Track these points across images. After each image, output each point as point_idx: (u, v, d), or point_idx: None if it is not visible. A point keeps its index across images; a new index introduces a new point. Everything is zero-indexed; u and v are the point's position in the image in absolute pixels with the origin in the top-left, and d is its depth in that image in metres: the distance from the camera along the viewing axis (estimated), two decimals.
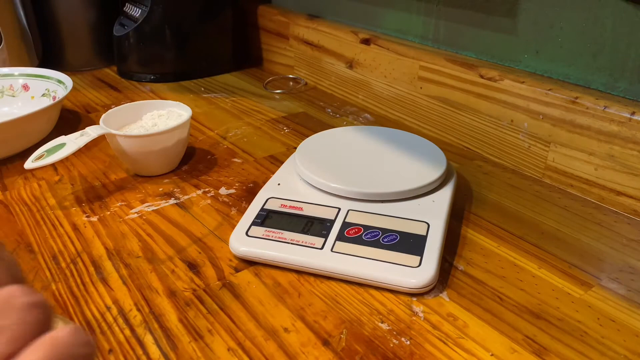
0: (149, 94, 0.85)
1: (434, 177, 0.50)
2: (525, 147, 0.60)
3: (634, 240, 0.49)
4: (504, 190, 0.57)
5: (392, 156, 0.55)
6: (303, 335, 0.38)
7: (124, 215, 0.52)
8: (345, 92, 0.83)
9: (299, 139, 0.67)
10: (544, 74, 0.60)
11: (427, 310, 0.40)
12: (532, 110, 0.58)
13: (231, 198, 0.55)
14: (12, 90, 0.75)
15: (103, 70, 0.97)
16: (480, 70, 0.62)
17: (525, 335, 0.38)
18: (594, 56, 0.54)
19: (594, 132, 0.53)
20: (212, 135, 0.70)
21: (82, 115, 0.77)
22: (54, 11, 0.92)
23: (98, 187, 0.58)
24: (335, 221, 0.47)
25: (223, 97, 0.84)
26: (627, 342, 0.38)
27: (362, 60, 0.78)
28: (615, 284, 0.43)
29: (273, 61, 0.97)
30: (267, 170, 0.61)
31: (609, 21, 0.52)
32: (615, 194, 0.53)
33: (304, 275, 0.44)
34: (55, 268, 0.45)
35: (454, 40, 0.68)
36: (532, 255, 0.46)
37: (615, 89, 0.54)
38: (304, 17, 0.88)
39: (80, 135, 0.54)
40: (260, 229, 0.46)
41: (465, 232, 0.50)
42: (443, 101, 0.68)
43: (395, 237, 0.44)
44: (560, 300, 0.41)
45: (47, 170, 0.61)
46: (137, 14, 0.88)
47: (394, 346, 0.37)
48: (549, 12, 0.57)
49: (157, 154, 0.57)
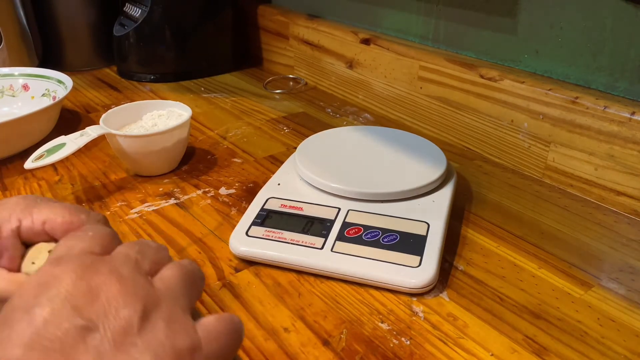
0: (149, 94, 0.85)
1: (434, 177, 0.50)
2: (525, 147, 0.60)
3: (634, 240, 0.49)
4: (504, 190, 0.57)
5: (392, 156, 0.55)
6: (303, 335, 0.38)
7: (124, 215, 0.52)
8: (345, 92, 0.83)
9: (299, 139, 0.67)
10: (544, 74, 0.60)
11: (427, 310, 0.40)
12: (532, 110, 0.58)
13: (231, 198, 0.55)
14: (12, 90, 0.75)
15: (103, 70, 0.97)
16: (480, 70, 0.62)
17: (525, 335, 0.38)
18: (594, 56, 0.54)
19: (594, 132, 0.53)
20: (212, 135, 0.70)
21: (82, 115, 0.77)
22: (54, 11, 0.92)
23: (98, 187, 0.58)
24: (335, 221, 0.47)
25: (223, 97, 0.84)
26: (627, 342, 0.38)
27: (362, 60, 0.78)
28: (615, 284, 0.43)
29: (273, 61, 0.97)
30: (267, 170, 0.61)
31: (609, 21, 0.52)
32: (615, 194, 0.53)
33: (304, 275, 0.44)
34: None
35: (454, 40, 0.68)
36: (532, 255, 0.46)
37: (615, 89, 0.54)
38: (304, 17, 0.88)
39: (80, 135, 0.54)
40: (260, 229, 0.46)
41: (465, 232, 0.50)
42: (443, 101, 0.68)
43: (395, 237, 0.44)
44: (560, 300, 0.41)
45: (47, 170, 0.61)
46: (137, 14, 0.88)
47: (394, 346, 0.37)
48: (549, 12, 0.57)
49: (157, 154, 0.57)
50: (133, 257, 0.25)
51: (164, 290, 0.25)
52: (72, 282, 0.22)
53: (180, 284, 0.25)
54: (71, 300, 0.22)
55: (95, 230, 0.27)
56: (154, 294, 0.24)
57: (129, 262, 0.25)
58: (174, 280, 0.25)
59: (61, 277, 0.23)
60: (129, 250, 0.26)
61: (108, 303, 0.22)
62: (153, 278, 0.25)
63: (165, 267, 0.26)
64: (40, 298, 0.22)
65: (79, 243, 0.26)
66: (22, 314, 0.22)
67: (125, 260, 0.25)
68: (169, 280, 0.25)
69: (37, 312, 0.21)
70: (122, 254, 0.25)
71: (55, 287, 0.22)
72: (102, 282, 0.23)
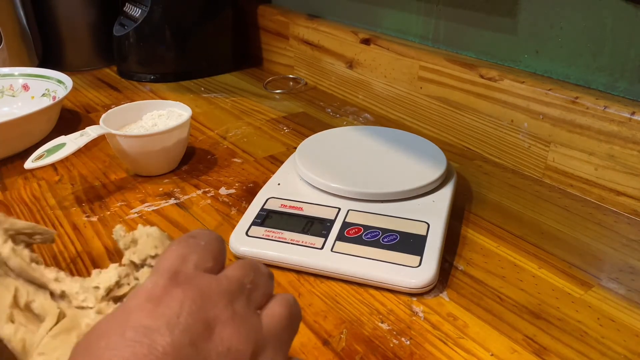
0: (149, 94, 0.85)
1: (434, 177, 0.50)
2: (525, 147, 0.60)
3: (634, 240, 0.49)
4: (504, 190, 0.57)
5: (392, 156, 0.55)
6: (303, 335, 0.38)
7: (124, 215, 0.52)
8: (345, 92, 0.83)
9: (299, 139, 0.67)
10: (544, 74, 0.60)
11: (427, 310, 0.40)
12: (532, 110, 0.58)
13: (231, 198, 0.55)
14: (12, 90, 0.75)
15: (103, 70, 0.97)
16: (480, 70, 0.62)
17: (525, 335, 0.38)
18: (594, 56, 0.54)
19: (594, 132, 0.53)
20: (212, 135, 0.70)
21: (82, 115, 0.77)
22: (54, 11, 0.91)
23: (98, 187, 0.58)
24: (335, 221, 0.47)
25: (223, 97, 0.84)
26: (627, 342, 0.38)
27: (362, 60, 0.78)
28: (615, 284, 0.43)
29: (273, 61, 0.97)
30: (267, 170, 0.61)
31: (609, 21, 0.52)
32: (615, 194, 0.53)
33: (304, 275, 0.44)
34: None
35: (454, 40, 0.68)
36: (532, 255, 0.46)
37: (615, 89, 0.54)
38: (304, 17, 0.88)
39: (80, 135, 0.54)
40: (260, 229, 0.46)
41: (465, 232, 0.50)
42: (443, 101, 0.68)
43: (395, 237, 0.44)
44: (560, 300, 0.41)
45: (47, 170, 0.61)
46: (137, 14, 0.88)
47: (394, 346, 0.37)
48: (549, 12, 0.57)
49: (157, 154, 0.57)
50: (247, 287, 0.24)
51: (272, 330, 0.24)
52: (192, 312, 0.21)
53: (286, 325, 0.25)
54: (191, 332, 0.21)
55: (206, 238, 0.26)
56: (263, 335, 0.23)
57: (243, 295, 0.24)
58: (281, 321, 0.24)
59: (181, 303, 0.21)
60: (242, 277, 0.25)
61: (221, 343, 0.21)
62: (262, 313, 0.24)
63: (274, 301, 0.25)
64: (158, 321, 0.21)
65: (192, 254, 0.24)
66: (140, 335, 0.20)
67: (239, 290, 0.24)
68: (278, 320, 0.24)
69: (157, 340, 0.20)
70: (235, 282, 0.24)
71: (175, 313, 0.21)
72: (218, 317, 0.22)
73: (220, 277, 0.24)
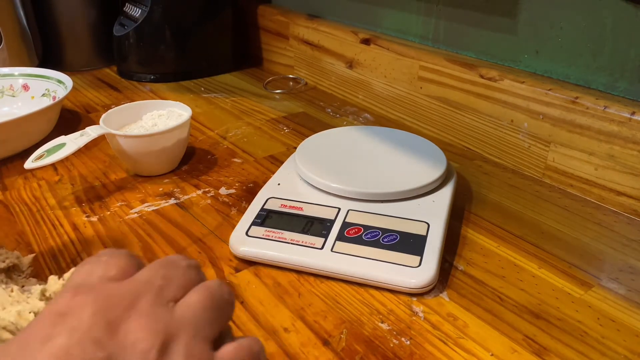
0: (149, 94, 0.85)
1: (434, 177, 0.50)
2: (525, 147, 0.60)
3: (634, 240, 0.49)
4: (504, 190, 0.57)
5: (392, 156, 0.55)
6: (303, 335, 0.38)
7: (124, 215, 0.52)
8: (345, 92, 0.83)
9: (299, 139, 0.67)
10: (544, 74, 0.60)
11: (427, 310, 0.40)
12: (532, 110, 0.58)
13: (231, 198, 0.55)
14: (12, 90, 0.75)
15: (103, 70, 0.97)
16: (480, 70, 0.62)
17: (525, 335, 0.38)
18: (594, 56, 0.54)
19: (594, 132, 0.53)
20: (212, 135, 0.70)
21: (82, 115, 0.77)
22: (54, 11, 0.91)
23: (98, 187, 0.58)
24: (335, 221, 0.47)
25: (223, 97, 0.84)
26: (627, 342, 0.38)
27: (362, 60, 0.78)
28: (615, 284, 0.43)
29: (273, 61, 0.97)
30: (267, 170, 0.61)
31: (609, 21, 0.52)
32: (615, 194, 0.53)
33: (304, 275, 0.44)
34: (55, 268, 0.45)
35: (454, 40, 0.68)
36: (532, 255, 0.46)
37: (615, 89, 0.54)
38: (304, 17, 0.88)
39: (80, 135, 0.54)
40: (260, 229, 0.46)
41: (465, 232, 0.50)
42: (443, 101, 0.68)
43: (395, 237, 0.44)
44: (560, 300, 0.41)
45: (47, 170, 0.61)
46: (137, 14, 0.88)
47: (394, 346, 0.37)
48: (549, 12, 0.57)
49: (157, 154, 0.57)
50: (156, 284, 0.25)
51: (188, 318, 0.24)
52: (92, 315, 0.22)
53: (203, 310, 0.25)
54: (91, 333, 0.22)
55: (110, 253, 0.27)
56: (173, 325, 0.24)
57: (150, 292, 0.24)
58: (198, 307, 0.25)
59: (81, 309, 0.23)
60: (152, 276, 0.25)
61: (126, 337, 0.22)
62: (177, 303, 0.25)
63: (193, 290, 0.26)
64: (60, 328, 0.22)
65: (97, 269, 0.25)
66: (41, 344, 0.21)
67: (145, 288, 0.25)
68: (194, 307, 0.25)
69: (58, 343, 0.21)
70: (142, 282, 0.25)
71: (76, 319, 0.22)
72: (120, 317, 0.23)
73: (124, 282, 0.25)
